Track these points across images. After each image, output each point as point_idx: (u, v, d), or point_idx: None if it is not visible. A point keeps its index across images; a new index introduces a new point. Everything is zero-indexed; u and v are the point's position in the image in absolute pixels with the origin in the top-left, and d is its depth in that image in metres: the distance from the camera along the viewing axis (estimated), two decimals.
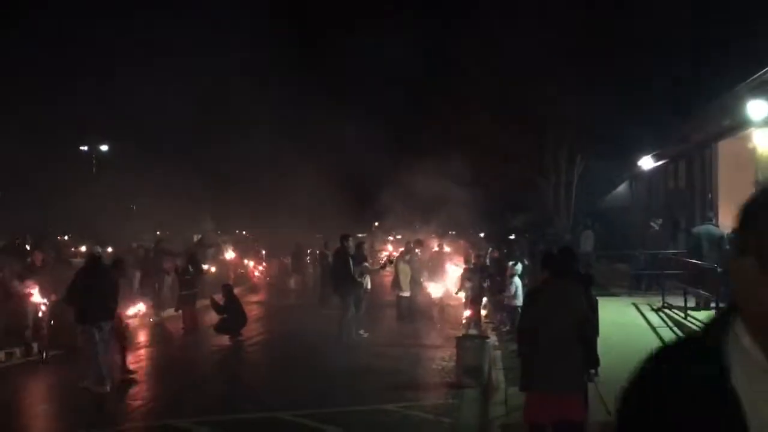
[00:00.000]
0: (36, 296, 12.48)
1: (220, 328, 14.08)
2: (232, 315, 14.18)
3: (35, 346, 12.43)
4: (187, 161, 31.64)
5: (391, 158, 28.53)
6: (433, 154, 24.50)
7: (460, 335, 11.74)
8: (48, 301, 12.49)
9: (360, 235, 26.29)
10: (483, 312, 15.93)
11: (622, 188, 30.54)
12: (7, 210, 25.32)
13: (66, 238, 23.91)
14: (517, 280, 13.17)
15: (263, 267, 27.67)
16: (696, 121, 19.85)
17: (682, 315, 12.47)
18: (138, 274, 19.20)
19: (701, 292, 12.59)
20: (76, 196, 25.59)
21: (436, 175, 23.78)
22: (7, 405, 9.43)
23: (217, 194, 33.09)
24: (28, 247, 17.76)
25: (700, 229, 14.08)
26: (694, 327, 11.59)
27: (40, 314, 12.58)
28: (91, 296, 10.11)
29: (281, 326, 16.67)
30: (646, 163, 22.73)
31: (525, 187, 29.13)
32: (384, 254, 28.02)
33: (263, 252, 29.65)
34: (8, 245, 19.15)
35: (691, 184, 20.04)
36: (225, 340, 13.84)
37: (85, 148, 34.36)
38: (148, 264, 18.90)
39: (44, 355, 12.10)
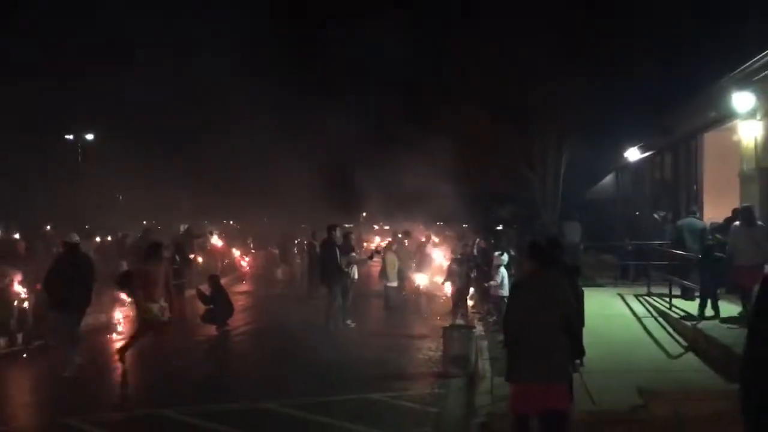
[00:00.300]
0: (17, 286, 12.41)
1: (206, 319, 14.07)
2: (219, 306, 14.16)
3: (19, 336, 12.36)
4: (174, 151, 31.53)
5: (379, 150, 28.56)
6: (420, 145, 24.52)
7: (447, 325, 11.78)
8: (32, 290, 12.41)
9: (347, 225, 26.26)
10: (470, 302, 16.00)
11: (607, 180, 30.66)
12: None
13: (48, 228, 23.70)
14: (503, 271, 13.23)
15: (250, 257, 27.62)
16: (682, 112, 19.94)
17: (667, 305, 12.58)
18: (124, 264, 19.17)
19: (685, 282, 12.71)
20: (61, 185, 25.40)
21: (423, 166, 23.82)
22: None
23: (206, 184, 32.97)
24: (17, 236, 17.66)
25: (684, 221, 14.19)
26: (676, 317, 11.71)
27: (25, 304, 12.51)
28: (71, 284, 10.09)
29: (268, 317, 16.66)
30: (633, 154, 22.82)
31: (512, 178, 29.20)
32: (372, 245, 28.06)
33: (250, 242, 29.61)
34: None
35: (676, 176, 20.15)
36: (212, 330, 13.82)
37: (71, 137, 34.01)
38: (136, 253, 18.83)
39: (29, 345, 12.02)
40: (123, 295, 11.47)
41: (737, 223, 11.18)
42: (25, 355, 11.63)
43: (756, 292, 3.90)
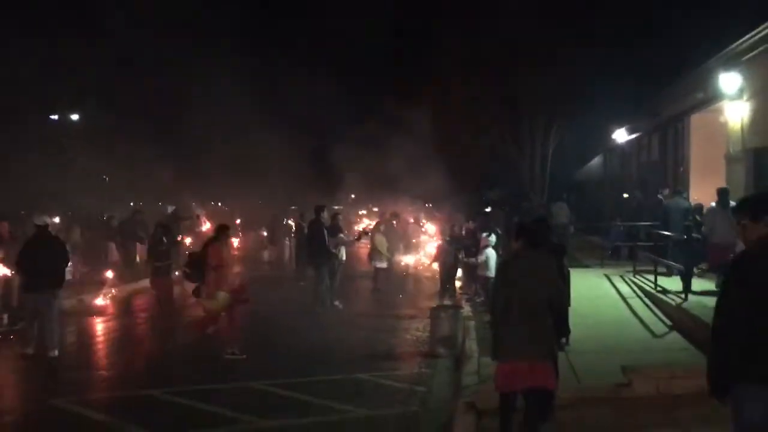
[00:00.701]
0: (1, 268, 12.34)
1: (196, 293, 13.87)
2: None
3: (5, 317, 12.29)
4: (160, 132, 31.26)
5: (367, 132, 28.42)
6: (409, 127, 24.47)
7: (434, 306, 11.82)
8: (15, 272, 12.32)
9: (336, 207, 26.20)
10: (457, 283, 16.05)
11: (595, 161, 30.76)
12: None
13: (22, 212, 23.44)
14: (489, 251, 13.27)
15: (239, 239, 27.52)
16: (669, 93, 19.98)
17: (652, 285, 12.67)
18: (112, 245, 19.08)
19: (668, 261, 12.84)
20: (46, 167, 25.11)
21: (412, 147, 23.76)
22: None
23: (193, 166, 32.74)
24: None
25: (670, 202, 14.30)
26: (661, 296, 11.80)
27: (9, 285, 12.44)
28: (42, 265, 10.16)
29: (256, 298, 16.58)
30: (620, 136, 22.88)
31: (501, 160, 29.23)
32: (360, 226, 28.05)
33: (238, 223, 29.48)
34: None
35: (663, 157, 20.22)
36: (199, 311, 13.76)
37: (55, 117, 33.59)
38: (124, 235, 18.79)
39: (14, 326, 11.96)
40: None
41: (713, 204, 12.00)
42: (12, 337, 11.54)
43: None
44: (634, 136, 22.53)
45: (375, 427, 7.27)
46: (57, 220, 18.55)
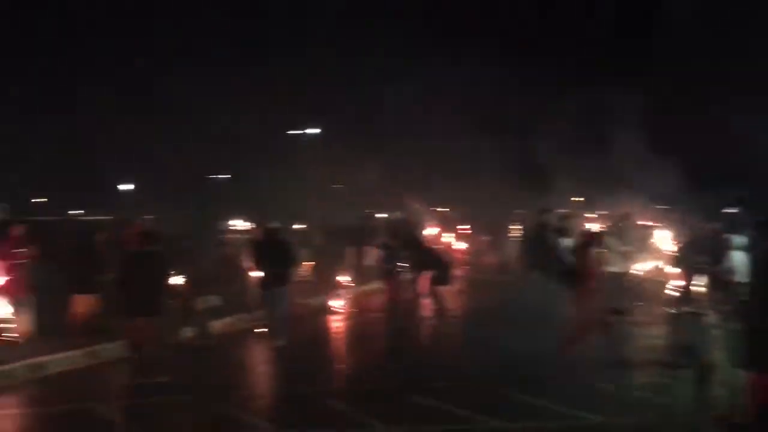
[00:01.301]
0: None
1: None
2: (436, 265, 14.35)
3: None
4: (383, 140, 32.62)
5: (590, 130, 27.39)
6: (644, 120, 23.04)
7: (674, 312, 11.07)
8: None
9: (562, 210, 25.51)
10: (702, 290, 14.87)
11: None
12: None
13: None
14: (737, 254, 12.16)
15: (465, 243, 27.79)
16: None
17: None
18: (353, 249, 20.28)
19: None
20: (285, 180, 27.41)
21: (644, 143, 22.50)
22: None
23: (420, 170, 33.74)
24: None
25: None
26: None
27: None
28: (273, 264, 11.51)
29: (481, 302, 16.70)
30: None
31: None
32: (586, 230, 26.97)
33: (464, 228, 29.79)
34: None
35: None
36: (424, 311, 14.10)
37: (296, 131, 36.52)
38: (357, 240, 19.97)
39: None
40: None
41: None
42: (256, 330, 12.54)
43: None
44: None
45: None
46: (303, 226, 20.27)
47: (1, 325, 10.33)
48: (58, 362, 9.67)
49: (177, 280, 12.30)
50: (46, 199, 37.08)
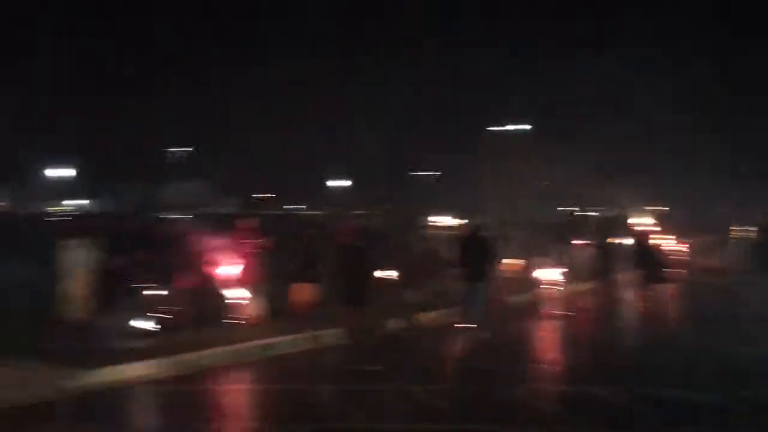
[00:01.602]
0: None
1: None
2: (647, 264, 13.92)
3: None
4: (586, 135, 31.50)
5: None
6: None
7: None
8: None
9: None
10: None
11: None
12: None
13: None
14: None
15: (685, 243, 26.21)
16: None
17: None
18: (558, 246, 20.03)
19: None
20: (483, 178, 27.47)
21: None
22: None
23: (634, 167, 32.33)
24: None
25: None
26: None
27: None
28: (476, 260, 12.03)
29: (703, 305, 15.70)
30: None
31: None
32: None
33: (683, 228, 28.16)
34: None
35: None
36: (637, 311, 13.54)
37: (496, 128, 36.44)
38: (559, 236, 19.63)
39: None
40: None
41: None
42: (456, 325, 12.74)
43: None
44: None
45: None
46: (509, 223, 20.41)
47: (237, 308, 11.52)
48: (284, 344, 10.59)
49: (388, 273, 13.04)
50: (273, 195, 40.53)
